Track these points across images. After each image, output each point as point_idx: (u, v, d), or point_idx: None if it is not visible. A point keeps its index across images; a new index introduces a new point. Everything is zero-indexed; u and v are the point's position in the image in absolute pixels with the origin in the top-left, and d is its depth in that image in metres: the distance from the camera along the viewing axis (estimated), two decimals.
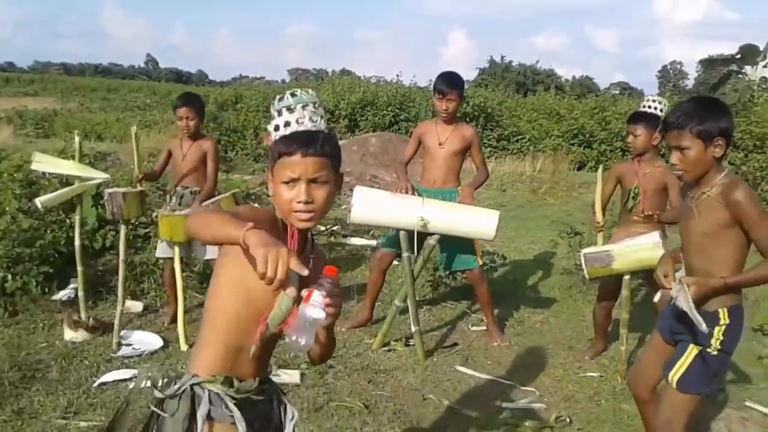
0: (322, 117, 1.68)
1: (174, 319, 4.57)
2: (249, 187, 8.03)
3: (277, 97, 1.69)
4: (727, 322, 2.38)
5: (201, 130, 4.68)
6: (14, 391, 3.45)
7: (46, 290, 4.87)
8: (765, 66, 18.12)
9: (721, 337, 2.38)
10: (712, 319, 2.35)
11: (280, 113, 1.65)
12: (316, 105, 1.68)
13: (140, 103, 30.35)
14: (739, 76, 19.09)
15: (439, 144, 4.47)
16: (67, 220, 5.44)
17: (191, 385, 1.65)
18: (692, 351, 2.42)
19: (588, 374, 4.06)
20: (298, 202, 1.61)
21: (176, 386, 1.65)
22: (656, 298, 3.24)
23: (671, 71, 65.19)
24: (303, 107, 1.65)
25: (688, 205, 2.45)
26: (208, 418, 1.62)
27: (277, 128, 1.65)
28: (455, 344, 4.48)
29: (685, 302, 2.24)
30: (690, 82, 55.73)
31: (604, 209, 4.16)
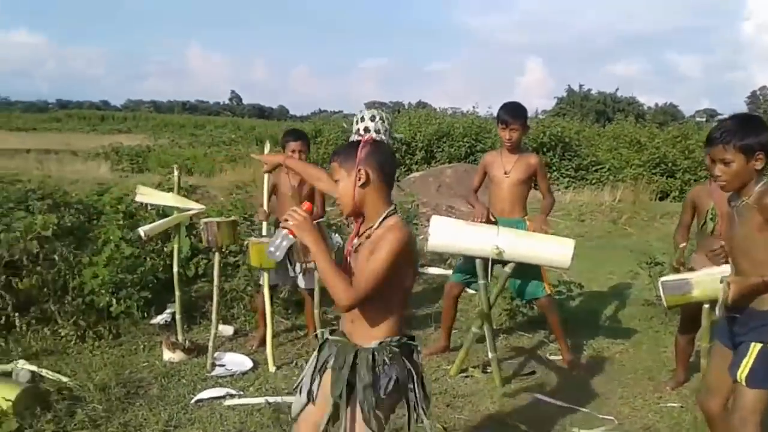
0: (364, 128, 2.16)
1: (262, 343, 4.84)
2: (329, 217, 8.35)
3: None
4: None
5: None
6: (120, 406, 3.76)
7: (145, 314, 5.25)
8: None
9: None
10: (765, 317, 2.52)
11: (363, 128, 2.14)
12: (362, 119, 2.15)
13: (225, 138, 31.67)
14: None
15: (505, 173, 4.59)
16: (164, 249, 5.86)
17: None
18: (755, 348, 2.54)
19: (669, 404, 4.04)
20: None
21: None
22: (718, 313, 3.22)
23: (761, 97, 62.56)
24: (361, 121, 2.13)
25: (731, 213, 2.66)
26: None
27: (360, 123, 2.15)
28: (533, 372, 4.53)
29: (722, 299, 2.48)
30: None
31: (687, 237, 4.17)
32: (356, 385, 2.19)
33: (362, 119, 2.05)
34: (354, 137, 2.13)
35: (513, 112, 4.56)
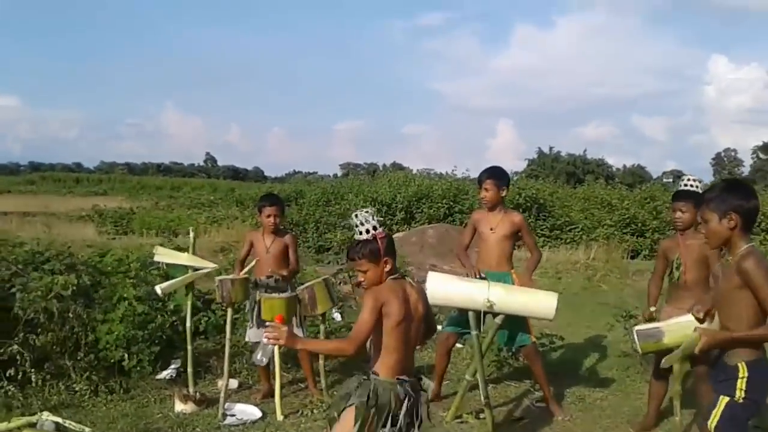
0: (367, 229, 2.90)
1: (266, 396, 5.15)
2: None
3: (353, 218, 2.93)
4: (746, 375, 2.80)
5: (282, 226, 5.36)
6: None
7: (154, 369, 5.52)
8: None
9: (744, 387, 2.80)
10: (732, 372, 2.82)
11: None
12: (362, 224, 2.89)
13: (204, 200, 31.98)
14: None
15: (491, 229, 5.04)
16: (166, 307, 6.15)
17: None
18: (723, 401, 2.85)
19: None
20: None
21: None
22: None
23: (725, 158, 64.88)
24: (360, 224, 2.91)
25: (718, 269, 3.02)
26: None
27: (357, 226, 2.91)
28: (522, 418, 4.90)
29: (688, 347, 2.94)
30: (746, 169, 55.42)
31: (660, 286, 4.63)
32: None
33: (364, 222, 2.81)
34: (363, 236, 2.88)
35: (487, 172, 5.05)
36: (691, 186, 4.53)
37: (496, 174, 5.08)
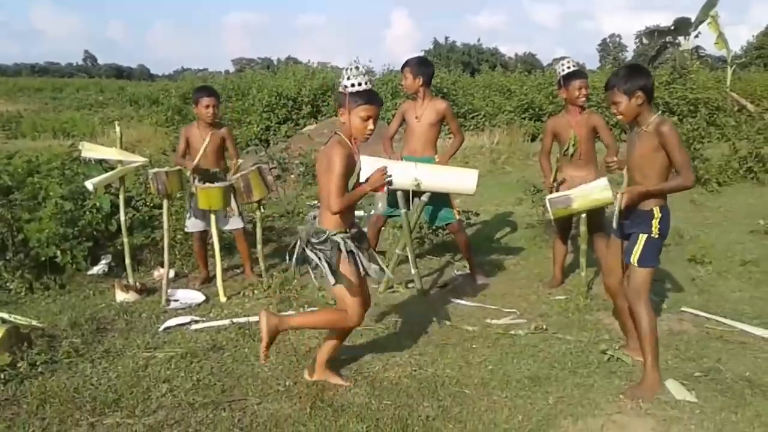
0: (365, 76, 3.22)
1: (204, 282, 5.36)
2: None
3: (350, 69, 3.19)
4: (660, 215, 3.41)
5: (219, 117, 5.39)
6: (95, 338, 4.20)
7: (86, 264, 5.58)
8: (696, 36, 19.56)
9: (658, 225, 3.41)
10: (649, 215, 3.42)
11: (355, 80, 3.17)
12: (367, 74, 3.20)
13: (92, 100, 30.33)
14: (675, 46, 20.48)
15: (416, 118, 5.31)
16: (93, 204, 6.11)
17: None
18: (642, 238, 3.43)
19: (557, 297, 5.01)
20: (369, 130, 3.22)
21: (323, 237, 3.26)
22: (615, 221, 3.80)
23: (611, 44, 67.36)
24: (363, 75, 3.20)
25: (632, 138, 3.49)
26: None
27: (353, 85, 3.18)
28: (446, 284, 5.38)
29: (616, 202, 3.45)
30: (629, 54, 57.90)
31: (549, 160, 5.10)
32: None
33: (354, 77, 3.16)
34: (349, 87, 3.17)
35: (406, 62, 5.30)
36: (575, 67, 4.95)
37: (409, 62, 5.31)
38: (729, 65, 18.72)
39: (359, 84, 3.17)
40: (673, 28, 19.88)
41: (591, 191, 4.68)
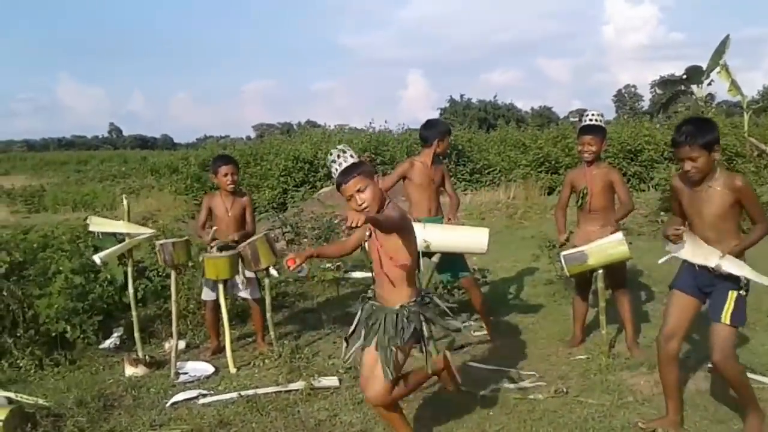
0: (350, 155, 3.09)
1: (215, 352, 5.25)
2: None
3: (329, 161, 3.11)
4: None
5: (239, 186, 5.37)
6: (101, 416, 4.09)
7: (98, 338, 5.51)
8: (709, 84, 19.54)
9: (745, 281, 3.28)
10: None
11: (331, 166, 3.09)
12: (344, 152, 3.08)
13: (115, 171, 30.94)
14: (687, 94, 20.49)
15: (432, 180, 5.27)
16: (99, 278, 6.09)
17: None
18: (733, 294, 3.27)
19: (577, 357, 4.81)
20: (356, 206, 3.02)
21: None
22: (662, 260, 3.64)
23: (626, 95, 67.66)
24: (338, 156, 3.08)
25: (696, 196, 3.34)
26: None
27: (331, 165, 3.10)
28: (462, 346, 5.21)
29: (738, 269, 3.25)
30: (645, 104, 58.11)
31: (564, 214, 4.99)
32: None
33: (345, 150, 3.08)
34: (349, 161, 3.09)
35: (441, 127, 5.36)
36: (595, 120, 4.87)
37: (445, 128, 5.42)
38: (745, 111, 18.62)
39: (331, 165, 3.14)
40: (685, 76, 19.87)
41: (607, 246, 4.55)
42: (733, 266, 3.25)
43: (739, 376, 3.29)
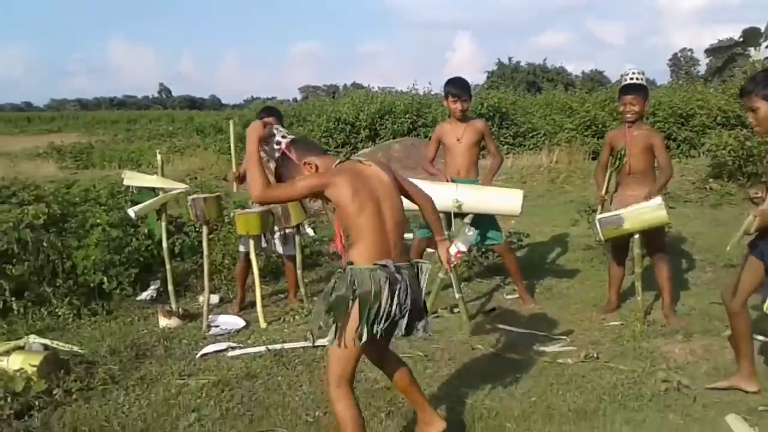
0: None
1: (240, 306, 5.30)
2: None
3: None
4: None
5: None
6: (132, 365, 4.18)
7: (134, 290, 5.63)
8: (767, 47, 18.66)
9: None
10: None
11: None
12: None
13: (163, 130, 31.38)
14: (744, 56, 19.61)
15: (458, 140, 5.16)
16: (138, 232, 6.20)
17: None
18: None
19: (611, 323, 4.70)
20: None
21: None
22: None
23: (682, 59, 65.16)
24: None
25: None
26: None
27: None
28: (494, 309, 5.14)
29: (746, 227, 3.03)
30: (702, 68, 55.96)
31: (604, 174, 4.82)
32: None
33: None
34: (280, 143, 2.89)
35: (461, 86, 5.13)
36: (637, 79, 4.66)
37: (469, 87, 5.24)
38: None
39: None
40: (741, 39, 19.01)
41: (644, 211, 4.40)
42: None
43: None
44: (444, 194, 4.74)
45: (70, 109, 76.73)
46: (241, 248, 5.31)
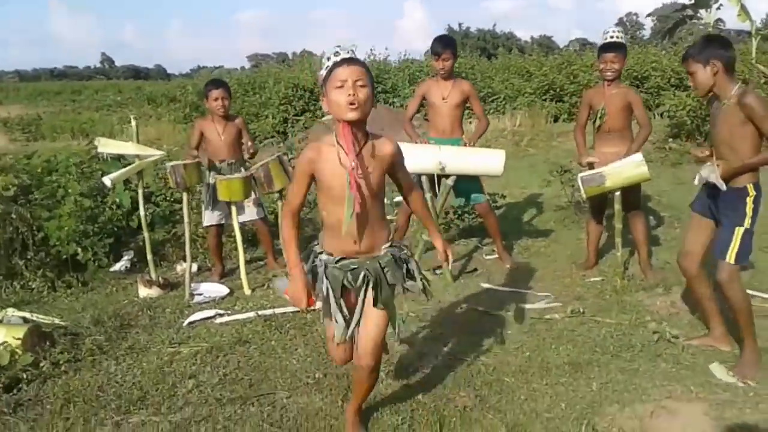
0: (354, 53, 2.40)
1: (220, 276, 5.24)
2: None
3: (329, 52, 2.40)
4: (754, 193, 3.19)
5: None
6: (119, 335, 4.09)
7: (108, 260, 5.49)
8: (718, 8, 18.96)
9: (752, 205, 3.19)
10: (742, 193, 3.18)
11: (329, 59, 2.37)
12: (353, 50, 2.39)
13: (110, 101, 30.44)
14: (695, 20, 19.93)
15: (443, 99, 5.14)
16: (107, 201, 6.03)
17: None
18: (739, 231, 3.19)
19: (592, 279, 4.82)
20: (348, 96, 2.29)
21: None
22: (696, 180, 3.49)
23: (627, 23, 66.15)
24: (345, 51, 2.37)
25: (714, 113, 3.30)
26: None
27: (328, 60, 2.37)
28: (475, 269, 5.20)
29: (715, 176, 3.14)
30: (647, 32, 56.96)
31: (583, 134, 4.89)
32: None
33: (329, 58, 2.32)
34: (324, 72, 2.38)
35: (445, 43, 5.09)
36: (616, 37, 4.69)
37: (453, 43, 5.17)
38: (753, 37, 18.18)
39: (328, 60, 2.38)
40: (692, 2, 19.27)
41: (625, 167, 4.48)
42: (714, 176, 3.17)
43: (741, 298, 3.22)
44: (428, 156, 4.75)
45: (9, 80, 73.58)
46: (206, 221, 5.21)
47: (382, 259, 2.59)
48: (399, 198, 7.30)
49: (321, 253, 2.64)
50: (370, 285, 2.58)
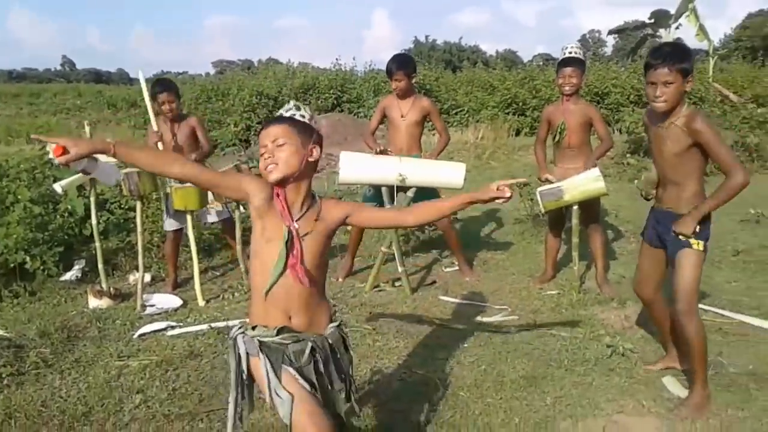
0: (298, 110, 2.20)
1: (173, 287, 5.11)
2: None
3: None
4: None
5: (181, 111, 5.16)
6: (65, 347, 3.96)
7: (58, 269, 5.33)
8: (677, 29, 19.48)
9: (700, 231, 3.05)
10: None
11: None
12: (297, 107, 2.21)
13: (70, 105, 29.90)
14: (655, 39, 20.44)
15: (401, 116, 5.15)
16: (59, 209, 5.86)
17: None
18: (689, 255, 3.05)
19: (549, 292, 4.84)
20: (265, 159, 2.12)
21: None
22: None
23: (590, 40, 67.45)
24: (285, 111, 2.21)
25: (658, 132, 3.07)
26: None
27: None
28: (434, 282, 5.19)
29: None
30: (609, 49, 58.18)
31: (543, 149, 4.92)
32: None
33: (301, 108, 2.19)
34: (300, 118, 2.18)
35: (398, 63, 5.09)
36: (575, 53, 4.76)
37: (405, 63, 5.14)
38: (711, 56, 18.71)
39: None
40: (652, 20, 19.76)
41: (582, 182, 4.52)
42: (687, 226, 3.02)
43: (697, 333, 3.00)
44: (389, 168, 4.73)
45: None
46: (167, 227, 5.10)
47: (330, 336, 2.27)
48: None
49: (254, 327, 2.21)
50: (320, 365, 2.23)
